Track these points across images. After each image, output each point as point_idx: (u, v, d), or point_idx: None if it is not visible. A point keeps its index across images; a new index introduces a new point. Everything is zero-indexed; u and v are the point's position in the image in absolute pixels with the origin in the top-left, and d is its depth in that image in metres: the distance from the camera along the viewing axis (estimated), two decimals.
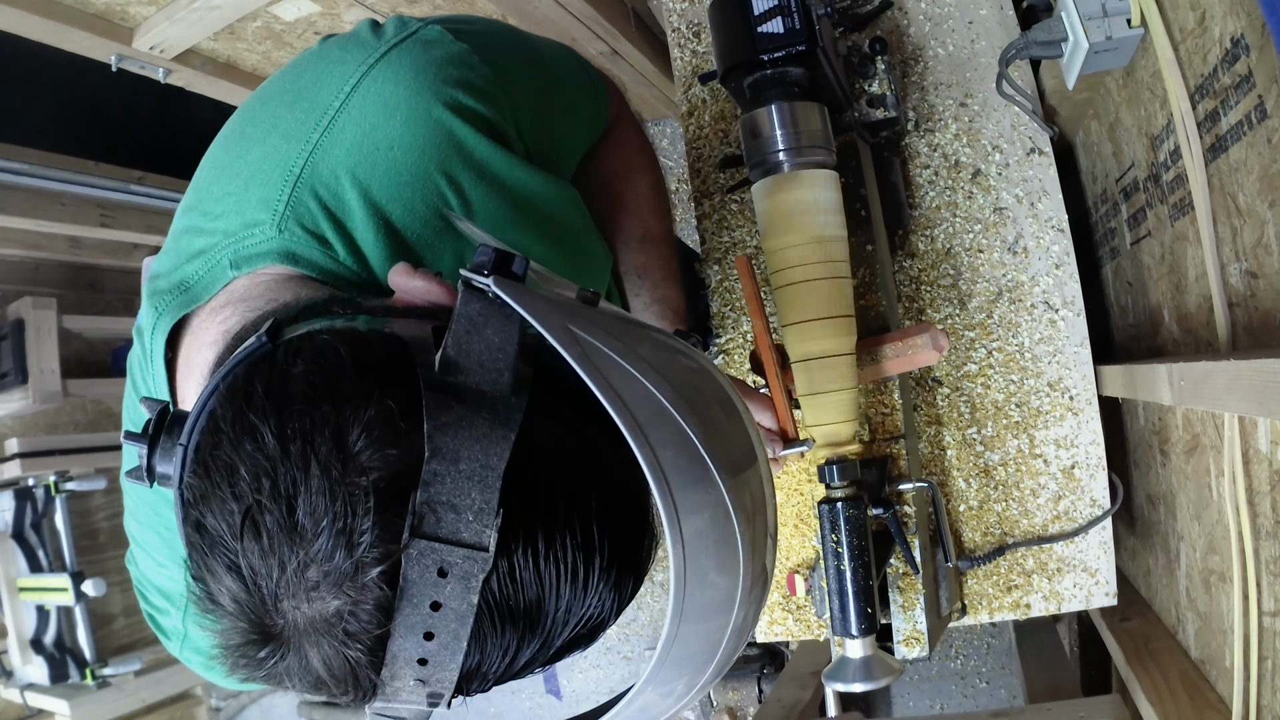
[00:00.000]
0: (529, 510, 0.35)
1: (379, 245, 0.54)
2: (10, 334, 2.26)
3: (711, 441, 0.36)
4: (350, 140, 0.52)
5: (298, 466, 0.34)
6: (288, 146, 0.52)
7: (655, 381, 0.36)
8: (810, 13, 0.75)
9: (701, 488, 0.35)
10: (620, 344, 0.36)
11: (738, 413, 0.42)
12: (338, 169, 0.52)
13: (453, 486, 0.33)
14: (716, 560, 0.36)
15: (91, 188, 2.10)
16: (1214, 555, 0.80)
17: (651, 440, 0.34)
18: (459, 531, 0.33)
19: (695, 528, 0.35)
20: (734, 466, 0.38)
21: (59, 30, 1.47)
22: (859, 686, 0.77)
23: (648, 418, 0.34)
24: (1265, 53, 0.58)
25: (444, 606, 0.34)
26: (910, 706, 2.12)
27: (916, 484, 0.89)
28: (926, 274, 1.02)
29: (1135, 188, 0.94)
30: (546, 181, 0.62)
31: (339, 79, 0.53)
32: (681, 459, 0.35)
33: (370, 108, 0.53)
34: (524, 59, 0.64)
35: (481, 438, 0.34)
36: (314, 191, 0.52)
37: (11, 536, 2.35)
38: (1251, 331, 0.69)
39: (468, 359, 0.35)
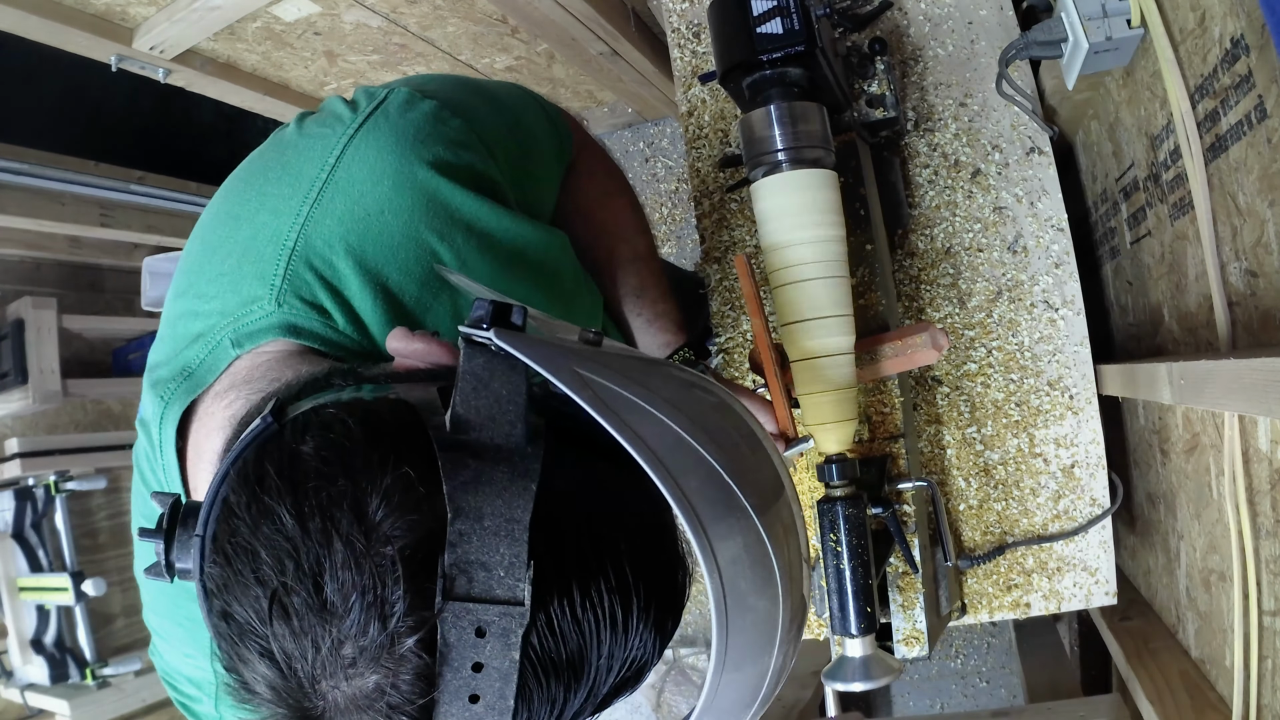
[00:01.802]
0: (559, 559, 0.35)
1: (377, 311, 0.54)
2: (10, 334, 2.26)
3: (737, 470, 0.36)
4: (340, 210, 0.53)
5: (320, 544, 0.33)
6: (278, 221, 0.53)
7: (671, 415, 0.36)
8: (809, 13, 0.75)
9: (731, 515, 0.35)
10: (631, 381, 0.36)
11: (760, 442, 0.41)
12: (331, 239, 0.52)
13: (480, 544, 0.33)
14: (754, 584, 0.36)
15: (91, 188, 2.10)
16: (1214, 554, 0.80)
17: (674, 472, 0.34)
18: (492, 589, 0.33)
19: (729, 554, 0.35)
20: (762, 494, 0.37)
21: (59, 30, 1.47)
22: (858, 686, 0.77)
23: (667, 450, 0.34)
24: (1265, 53, 0.58)
25: (486, 667, 0.33)
26: (910, 706, 2.12)
27: (916, 483, 0.89)
28: (926, 273, 1.02)
29: (1135, 187, 0.94)
30: (535, 230, 0.63)
31: (322, 152, 0.54)
32: (707, 488, 0.35)
33: (357, 176, 0.53)
34: (488, 107, 0.64)
35: (503, 491, 0.34)
36: (309, 263, 0.52)
37: (11, 536, 2.35)
38: (1251, 330, 0.69)
39: (478, 415, 0.35)
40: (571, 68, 2.03)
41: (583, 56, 1.88)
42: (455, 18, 1.73)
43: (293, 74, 1.88)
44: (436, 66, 1.93)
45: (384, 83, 0.61)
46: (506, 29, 1.82)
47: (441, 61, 1.91)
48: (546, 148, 0.73)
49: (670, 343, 0.84)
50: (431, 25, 1.75)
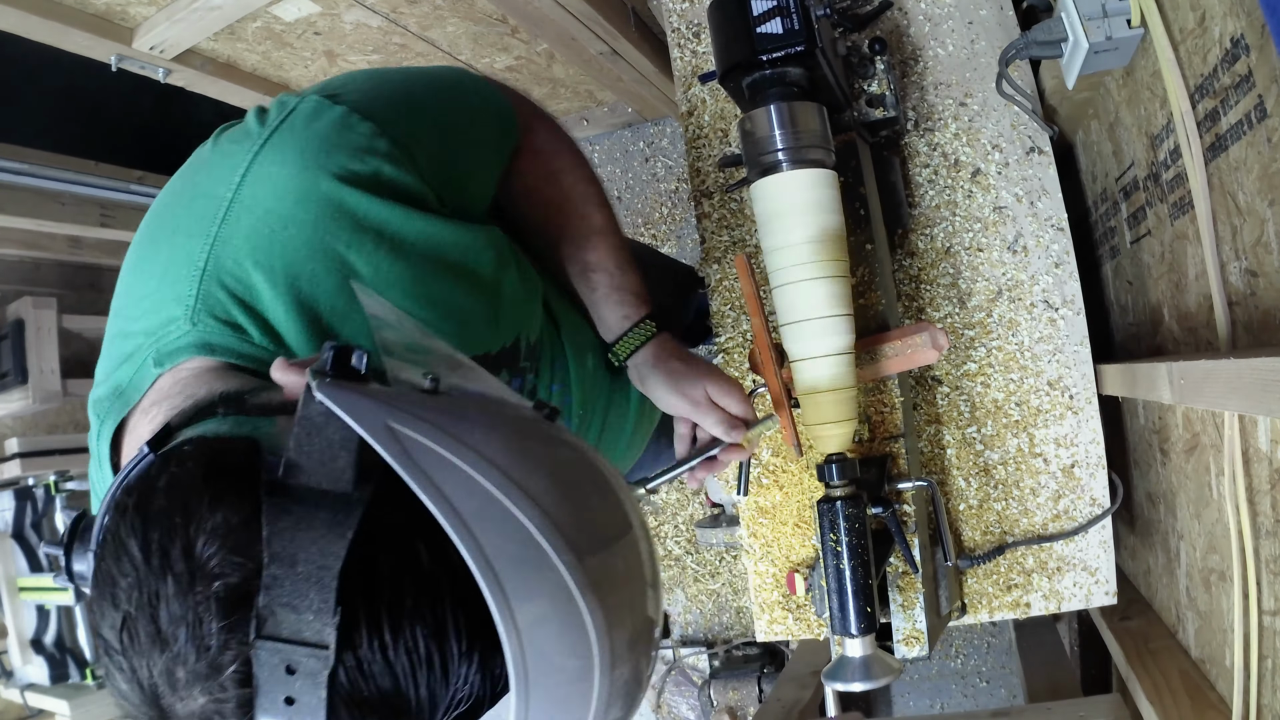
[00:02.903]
0: (372, 604, 0.36)
1: (293, 323, 0.56)
2: (10, 334, 2.26)
3: (557, 526, 0.37)
4: (247, 227, 0.54)
5: (158, 577, 0.36)
6: (190, 243, 0.55)
7: (485, 470, 0.36)
8: (809, 13, 0.75)
9: (539, 574, 0.36)
10: (447, 435, 0.37)
11: (607, 484, 0.42)
12: (240, 256, 0.54)
13: (291, 589, 0.35)
14: (562, 645, 0.36)
15: (91, 188, 2.10)
16: (1214, 554, 0.80)
17: (475, 529, 0.35)
18: (300, 631, 0.35)
19: (533, 614, 0.35)
20: (590, 543, 0.38)
21: (59, 30, 1.47)
22: (858, 686, 0.77)
23: (473, 508, 0.35)
24: (1265, 53, 0.58)
25: (297, 701, 0.35)
26: (910, 706, 2.12)
27: (916, 483, 0.89)
28: (926, 273, 1.02)
29: (1135, 187, 0.94)
30: (452, 229, 0.63)
31: (229, 170, 0.56)
32: (512, 546, 0.35)
33: (261, 193, 0.55)
34: (406, 105, 0.64)
35: (318, 539, 0.36)
36: (220, 282, 0.54)
37: (11, 536, 2.35)
38: (1251, 330, 0.69)
39: (309, 460, 0.37)
40: (571, 68, 2.03)
41: (583, 56, 1.88)
42: (455, 17, 1.73)
43: (293, 74, 1.88)
44: None
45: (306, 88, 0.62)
46: (506, 29, 1.82)
47: (441, 61, 1.91)
48: (482, 135, 0.72)
49: (630, 315, 0.82)
50: (431, 25, 1.75)
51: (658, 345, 0.83)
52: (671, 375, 0.82)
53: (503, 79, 2.08)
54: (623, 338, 0.83)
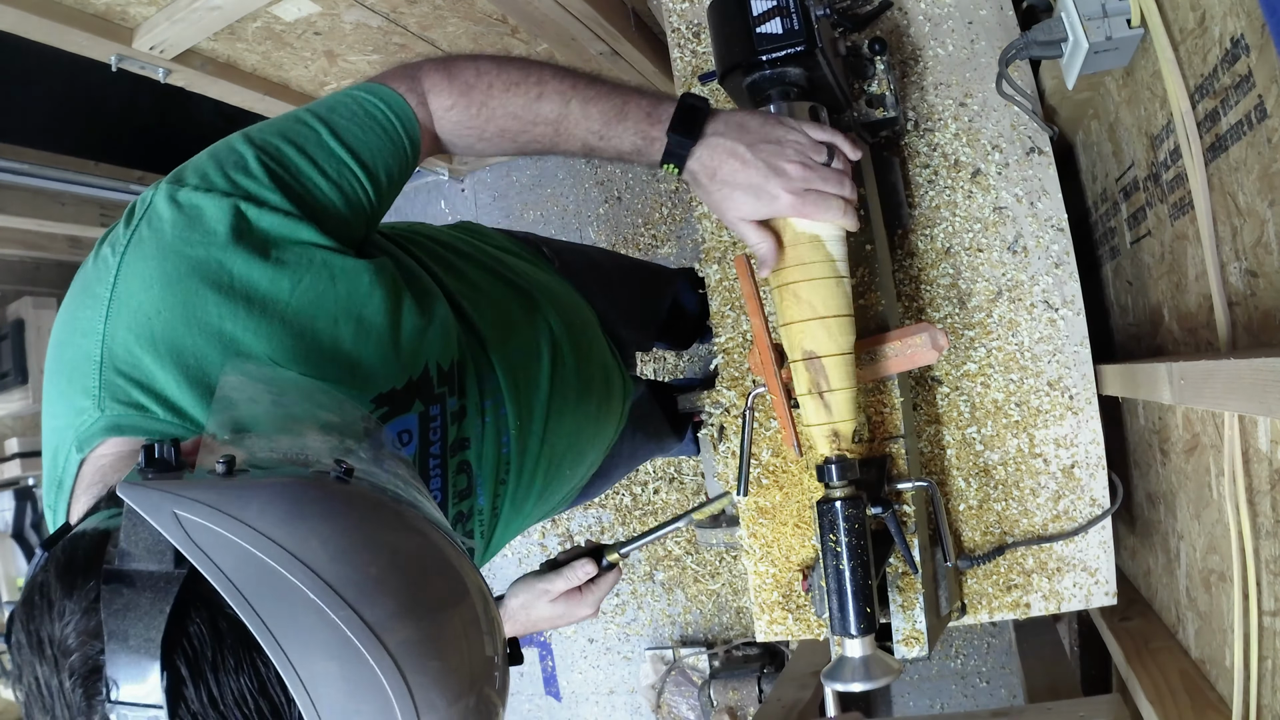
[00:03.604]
0: (194, 664, 0.42)
1: (188, 396, 0.61)
2: (10, 334, 2.26)
3: (326, 582, 0.41)
4: (127, 319, 0.61)
5: (37, 660, 0.44)
6: (87, 341, 0.61)
7: (255, 540, 0.42)
8: (809, 13, 0.75)
9: (316, 631, 0.41)
10: (224, 515, 0.42)
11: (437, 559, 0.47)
12: (128, 345, 0.60)
13: (126, 660, 0.41)
14: (351, 692, 0.41)
15: (91, 188, 2.10)
16: (1214, 554, 0.80)
17: (250, 597, 0.40)
18: (139, 694, 0.41)
19: (317, 670, 0.40)
20: (372, 594, 0.42)
21: (59, 30, 1.47)
22: (858, 686, 0.77)
23: (249, 578, 0.41)
24: (1265, 53, 0.58)
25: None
26: (910, 706, 2.12)
27: (916, 483, 0.89)
28: (926, 273, 1.02)
29: (1135, 187, 0.94)
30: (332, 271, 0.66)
31: (105, 274, 0.62)
32: (285, 608, 0.41)
33: (133, 288, 0.61)
34: (261, 153, 0.67)
35: (144, 615, 0.42)
36: (117, 369, 0.60)
37: (11, 536, 2.35)
38: (1252, 330, 0.69)
39: (136, 547, 0.43)
40: None
41: (583, 56, 1.88)
42: (455, 18, 1.73)
43: (293, 74, 1.88)
44: None
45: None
46: (506, 29, 1.82)
47: None
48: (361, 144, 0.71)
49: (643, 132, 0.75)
50: (431, 25, 1.75)
51: (698, 156, 0.73)
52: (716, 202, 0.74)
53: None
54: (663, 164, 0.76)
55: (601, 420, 1.06)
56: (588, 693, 2.44)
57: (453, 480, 0.79)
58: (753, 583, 1.08)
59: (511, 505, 0.88)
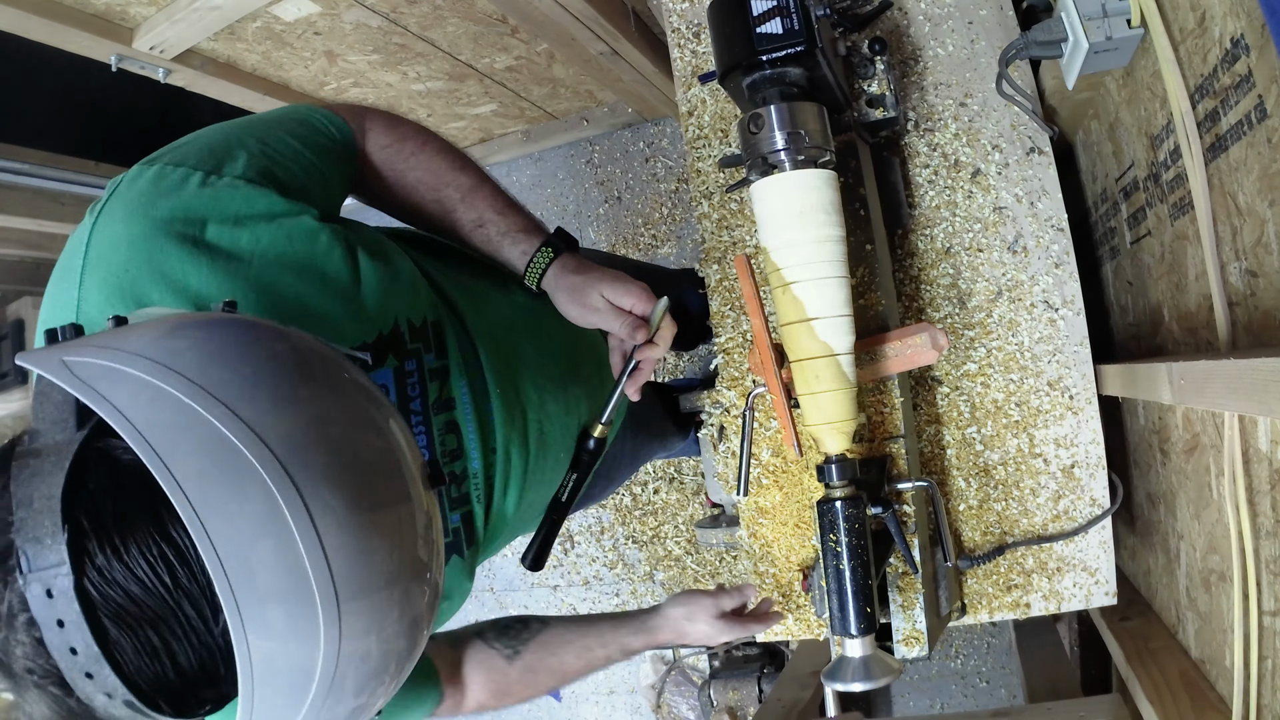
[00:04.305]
0: (95, 518, 0.41)
1: None
2: (10, 334, 2.26)
3: (201, 387, 0.41)
4: (98, 280, 0.63)
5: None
6: (63, 314, 0.64)
7: (129, 360, 0.41)
8: (809, 13, 0.75)
9: (189, 430, 0.40)
10: (106, 349, 0.42)
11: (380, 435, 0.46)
12: (99, 305, 0.62)
13: (33, 524, 0.41)
14: (230, 490, 0.39)
15: (91, 188, 2.09)
16: (1214, 554, 0.80)
17: (120, 406, 0.39)
18: (45, 557, 0.41)
19: (192, 467, 0.39)
20: (270, 402, 0.42)
21: (59, 30, 1.47)
22: (858, 686, 0.77)
23: (119, 390, 0.40)
24: (1265, 53, 0.58)
25: (66, 621, 0.41)
26: (910, 706, 2.12)
27: (916, 483, 0.89)
28: (926, 273, 1.02)
29: (1135, 187, 0.94)
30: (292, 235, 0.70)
31: (79, 240, 0.65)
32: (161, 414, 0.40)
33: (102, 250, 0.64)
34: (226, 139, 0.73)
35: (47, 477, 0.42)
36: (89, 319, 0.62)
37: None
38: (1252, 330, 0.69)
39: (42, 423, 0.44)
40: (571, 68, 2.03)
41: (583, 56, 1.88)
42: (455, 17, 1.73)
43: (293, 74, 1.88)
44: (436, 67, 1.93)
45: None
46: (506, 29, 1.82)
47: (441, 61, 1.91)
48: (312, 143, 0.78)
49: (525, 250, 0.86)
50: (431, 25, 1.75)
51: (558, 266, 0.86)
52: (571, 290, 0.85)
53: (502, 79, 2.08)
54: (527, 270, 0.87)
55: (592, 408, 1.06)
56: (588, 693, 2.44)
57: (440, 439, 0.80)
58: (753, 582, 1.08)
59: (501, 474, 0.88)
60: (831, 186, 0.78)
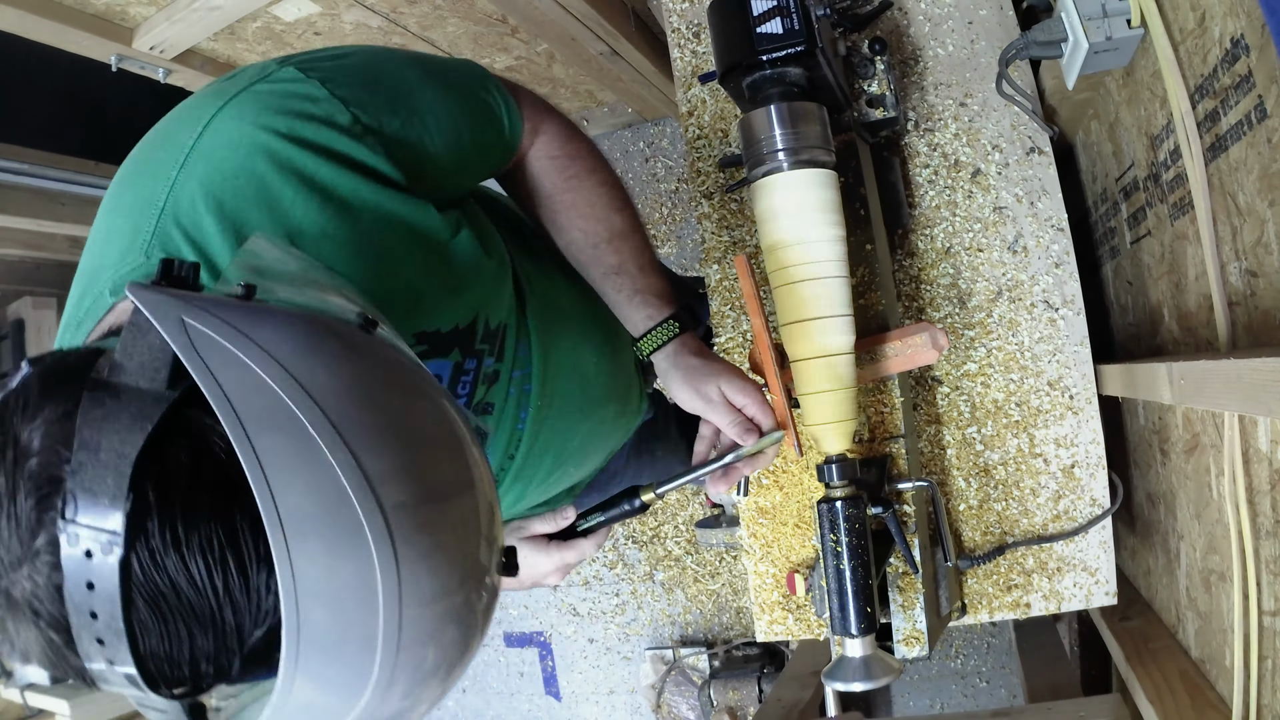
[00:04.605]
0: (165, 495, 0.37)
1: None
2: (10, 334, 2.26)
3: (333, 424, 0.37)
4: (201, 173, 0.58)
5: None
6: (153, 184, 0.59)
7: (263, 363, 0.38)
8: (809, 13, 0.75)
9: (307, 468, 0.36)
10: (236, 332, 0.38)
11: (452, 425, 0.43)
12: (194, 199, 0.58)
13: (93, 474, 0.37)
14: (331, 544, 0.36)
15: (91, 188, 2.09)
16: (1214, 554, 0.80)
17: (245, 421, 0.36)
18: (98, 517, 0.36)
19: (299, 510, 0.36)
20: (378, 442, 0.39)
21: (59, 30, 1.47)
22: (858, 686, 0.77)
23: (248, 400, 0.37)
24: (1265, 53, 0.58)
25: (97, 586, 0.37)
26: (910, 706, 2.12)
27: (916, 483, 0.89)
28: (926, 273, 1.02)
29: (1135, 187, 0.94)
30: (412, 205, 0.66)
31: (194, 121, 0.60)
32: (282, 439, 0.36)
33: (218, 143, 0.59)
34: (393, 85, 0.67)
35: (122, 429, 0.37)
36: (176, 221, 0.58)
37: None
38: (1251, 330, 0.69)
39: (130, 361, 0.39)
40: (571, 68, 2.03)
41: (583, 56, 1.88)
42: (455, 17, 1.73)
43: None
44: None
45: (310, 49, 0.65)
46: (506, 29, 1.82)
47: None
48: (472, 128, 0.74)
49: (653, 315, 0.84)
50: (431, 25, 1.75)
51: (678, 344, 0.84)
52: (689, 371, 0.83)
53: (500, 75, 2.08)
54: (646, 335, 0.84)
55: (615, 429, 1.05)
56: (588, 693, 2.44)
57: None
58: (753, 583, 1.08)
59: (512, 479, 0.87)
60: (831, 186, 0.78)
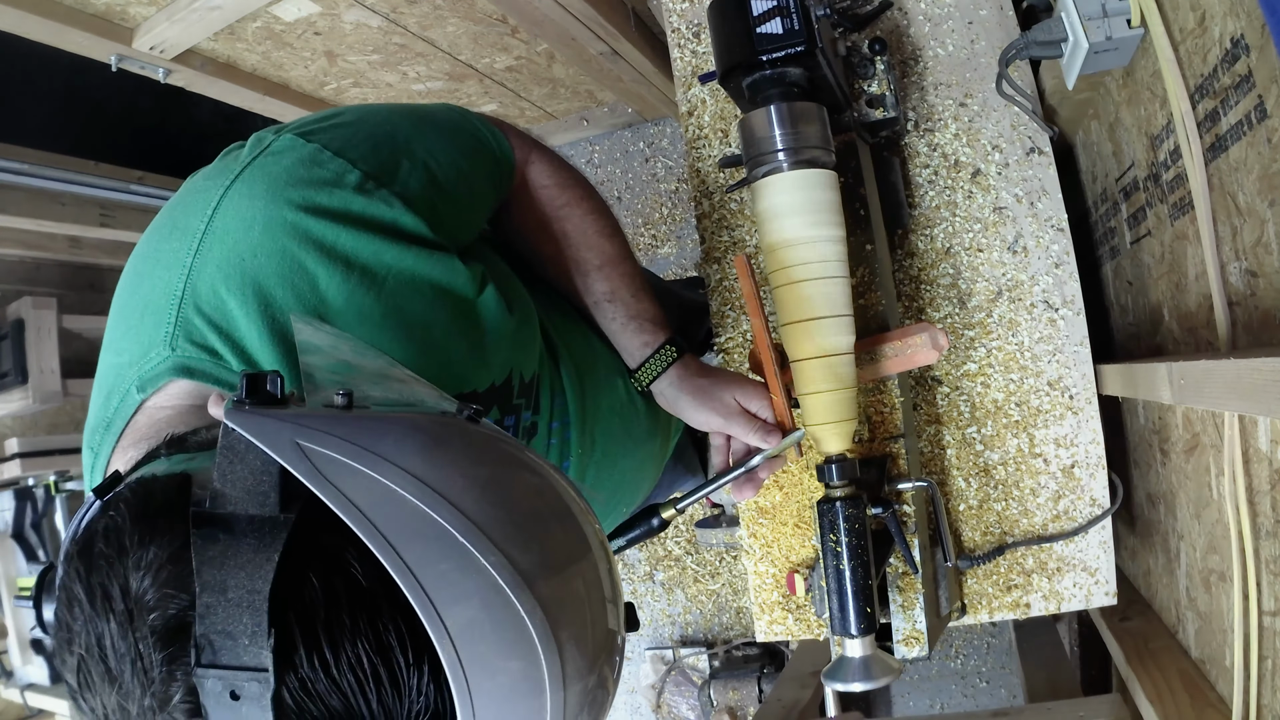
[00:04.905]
0: (307, 623, 0.36)
1: (267, 348, 0.57)
2: (10, 334, 2.26)
3: (475, 523, 0.37)
4: (219, 256, 0.57)
5: (101, 618, 0.38)
6: (168, 274, 0.57)
7: (397, 477, 0.37)
8: (809, 13, 0.75)
9: (465, 576, 0.36)
10: (356, 448, 0.37)
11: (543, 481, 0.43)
12: (214, 284, 0.56)
13: (225, 615, 0.36)
14: (500, 647, 0.36)
15: (91, 188, 2.10)
16: (1214, 554, 0.80)
17: (393, 540, 0.35)
18: (240, 656, 0.36)
19: (465, 617, 0.36)
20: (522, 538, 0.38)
21: (59, 30, 1.47)
22: (858, 686, 0.77)
23: (389, 516, 0.36)
24: (1265, 53, 0.58)
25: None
26: (910, 706, 2.12)
27: (916, 483, 0.89)
28: (926, 273, 1.02)
29: (1135, 187, 0.94)
30: (437, 262, 0.64)
31: (203, 205, 0.58)
32: (434, 551, 0.36)
33: (231, 225, 0.57)
34: (392, 139, 0.66)
35: (246, 564, 0.36)
36: (197, 309, 0.56)
37: (11, 536, 2.35)
38: (1251, 330, 0.69)
39: (233, 488, 0.37)
40: (571, 67, 2.03)
41: (583, 56, 1.88)
42: (455, 17, 1.74)
43: (293, 74, 1.88)
44: (436, 67, 1.93)
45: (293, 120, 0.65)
46: (506, 29, 1.82)
47: (441, 61, 1.91)
48: (472, 170, 0.73)
49: (649, 342, 0.84)
50: (431, 25, 1.75)
51: (680, 368, 0.84)
52: (699, 391, 0.83)
53: (502, 79, 2.08)
54: (644, 364, 0.84)
55: (662, 453, 1.04)
56: None
57: None
58: (753, 583, 1.08)
59: None
60: (831, 186, 0.78)
